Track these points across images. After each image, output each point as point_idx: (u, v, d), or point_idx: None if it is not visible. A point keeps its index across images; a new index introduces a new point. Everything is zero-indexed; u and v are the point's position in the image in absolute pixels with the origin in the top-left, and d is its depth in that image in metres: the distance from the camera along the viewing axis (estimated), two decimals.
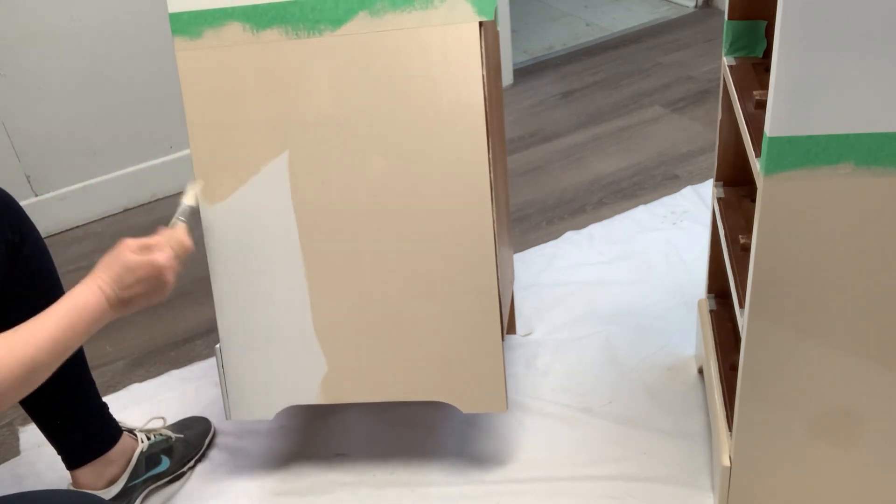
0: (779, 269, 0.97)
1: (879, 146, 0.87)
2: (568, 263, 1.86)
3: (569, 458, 1.40)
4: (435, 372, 1.29)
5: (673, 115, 2.43)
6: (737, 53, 1.19)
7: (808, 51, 0.83)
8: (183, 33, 1.24)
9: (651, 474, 1.35)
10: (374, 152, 1.24)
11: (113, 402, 1.42)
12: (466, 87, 1.19)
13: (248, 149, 1.26)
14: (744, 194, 1.28)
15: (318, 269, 1.28)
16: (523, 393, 1.53)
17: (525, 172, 2.25)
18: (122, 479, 1.37)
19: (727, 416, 1.20)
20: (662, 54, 2.82)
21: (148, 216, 2.32)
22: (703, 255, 1.52)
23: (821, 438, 1.09)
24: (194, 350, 1.79)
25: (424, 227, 1.24)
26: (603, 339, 1.63)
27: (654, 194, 2.06)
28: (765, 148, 0.90)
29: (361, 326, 1.29)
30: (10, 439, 1.61)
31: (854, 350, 1.01)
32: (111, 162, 2.30)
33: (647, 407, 1.47)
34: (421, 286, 1.26)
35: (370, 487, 1.40)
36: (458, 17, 1.18)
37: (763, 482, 1.15)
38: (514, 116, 2.56)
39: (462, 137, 1.20)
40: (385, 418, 1.53)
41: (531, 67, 2.89)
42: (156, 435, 1.44)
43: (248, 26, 1.22)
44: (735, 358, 1.26)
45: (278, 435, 1.53)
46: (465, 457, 1.43)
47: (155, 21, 2.17)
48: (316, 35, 1.21)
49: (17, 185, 2.17)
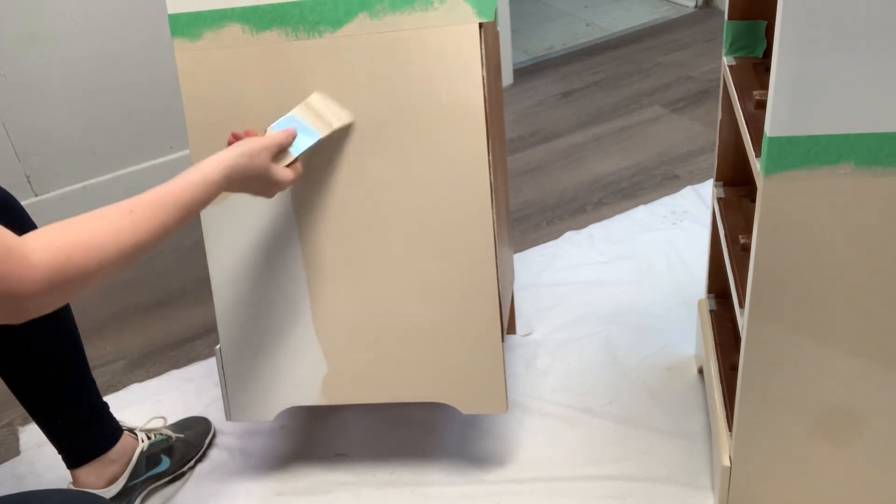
0: (779, 269, 0.97)
1: (879, 146, 0.87)
2: (568, 263, 1.86)
3: (569, 458, 1.40)
4: (435, 373, 1.29)
5: (673, 115, 2.43)
6: (737, 53, 1.19)
7: (808, 51, 0.83)
8: (182, 34, 1.24)
9: (651, 474, 1.35)
10: (374, 153, 1.24)
11: (113, 402, 1.42)
12: (466, 87, 1.19)
13: None
14: (744, 194, 1.28)
15: (318, 269, 1.28)
16: (523, 393, 1.53)
17: (525, 172, 2.25)
18: (122, 478, 1.37)
19: (727, 416, 1.20)
20: (662, 54, 2.82)
21: None
22: (703, 255, 1.52)
23: (821, 438, 1.09)
24: (194, 350, 1.79)
25: (424, 227, 1.24)
26: (603, 339, 1.63)
27: (654, 194, 2.06)
28: (765, 148, 0.90)
29: (362, 327, 1.29)
30: (10, 439, 1.61)
31: (854, 350, 1.01)
32: (111, 162, 2.30)
33: (647, 407, 1.47)
34: (421, 286, 1.26)
35: (370, 487, 1.40)
36: (458, 19, 1.18)
37: (763, 482, 1.15)
38: (514, 116, 2.56)
39: (462, 137, 1.20)
40: (385, 418, 1.53)
41: (531, 67, 2.89)
42: (156, 435, 1.44)
43: (248, 27, 1.22)
44: (735, 358, 1.26)
45: (278, 435, 1.53)
46: (465, 457, 1.43)
47: (155, 21, 2.17)
48: (315, 36, 1.21)
49: (17, 185, 2.17)
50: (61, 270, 0.80)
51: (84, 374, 1.32)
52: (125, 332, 1.87)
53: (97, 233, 0.85)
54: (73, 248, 0.82)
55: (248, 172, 1.08)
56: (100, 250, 0.84)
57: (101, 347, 1.82)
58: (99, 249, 0.84)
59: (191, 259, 2.11)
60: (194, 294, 1.95)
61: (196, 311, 1.90)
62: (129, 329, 1.88)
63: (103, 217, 0.88)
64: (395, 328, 1.29)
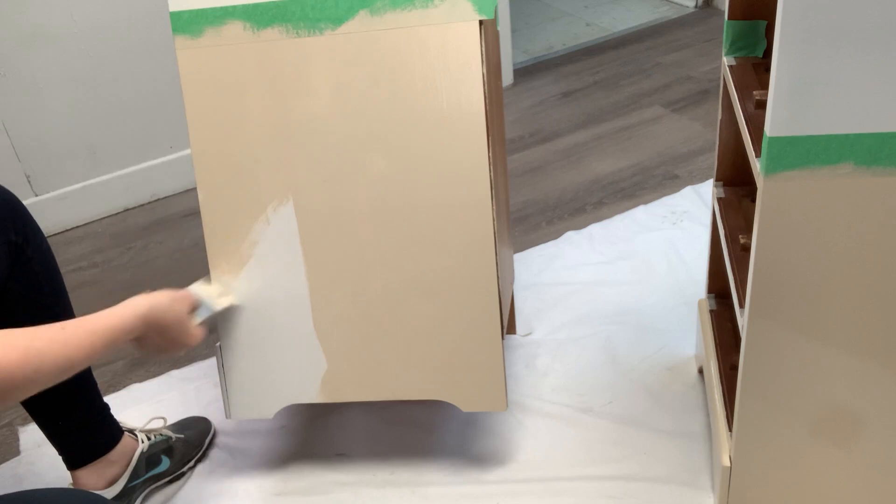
0: (779, 269, 0.97)
1: (879, 146, 0.87)
2: (568, 263, 1.86)
3: (569, 458, 1.40)
4: (435, 371, 1.29)
5: (673, 115, 2.43)
6: (737, 53, 1.19)
7: (808, 51, 0.83)
8: (183, 32, 1.24)
9: (651, 474, 1.35)
10: (374, 151, 1.24)
11: (113, 402, 1.42)
12: (466, 85, 1.19)
13: (248, 147, 1.26)
14: (744, 194, 1.28)
15: (319, 267, 1.29)
16: (523, 393, 1.53)
17: (525, 172, 2.25)
18: (122, 479, 1.37)
19: (727, 416, 1.20)
20: (662, 54, 2.83)
21: (148, 216, 2.32)
22: (703, 255, 1.52)
23: (821, 438, 1.09)
24: (194, 350, 1.79)
25: (424, 225, 1.24)
26: (603, 339, 1.63)
27: (654, 194, 2.06)
28: (765, 148, 0.90)
29: (362, 325, 1.29)
30: (10, 439, 1.61)
31: (854, 350, 1.01)
32: (111, 162, 2.30)
33: (647, 407, 1.47)
34: (421, 285, 1.26)
35: (370, 487, 1.40)
36: (458, 16, 1.18)
37: (763, 482, 1.15)
38: (514, 116, 2.56)
39: (462, 137, 1.20)
40: (385, 418, 1.53)
41: (531, 67, 2.89)
42: (156, 435, 1.44)
43: (249, 25, 1.22)
44: (735, 358, 1.26)
45: (278, 435, 1.53)
46: (465, 457, 1.43)
47: (155, 21, 2.17)
48: (316, 34, 1.21)
49: (17, 185, 2.17)
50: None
51: (86, 375, 1.32)
52: None
53: (35, 340, 0.89)
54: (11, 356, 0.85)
55: (168, 313, 1.11)
56: (37, 356, 0.88)
57: None
58: (37, 355, 0.88)
59: (191, 259, 2.11)
60: None
61: None
62: None
63: (36, 329, 0.91)
64: (396, 326, 1.29)
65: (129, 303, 1.06)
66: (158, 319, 1.10)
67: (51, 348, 0.91)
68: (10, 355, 0.85)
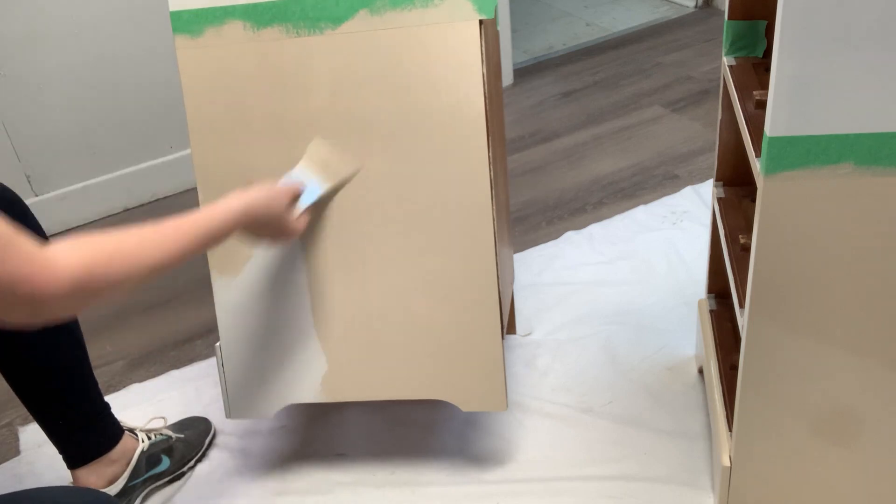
0: (779, 269, 0.97)
1: (879, 146, 0.87)
2: (568, 263, 1.86)
3: (569, 458, 1.40)
4: (435, 370, 1.29)
5: (673, 115, 2.43)
6: (737, 53, 1.19)
7: (808, 51, 0.83)
8: (184, 31, 1.24)
9: (651, 474, 1.35)
10: (374, 150, 1.24)
11: (113, 401, 1.42)
12: (466, 84, 1.19)
13: (248, 147, 1.26)
14: (744, 194, 1.28)
15: (319, 267, 1.29)
16: (523, 393, 1.53)
17: (525, 172, 2.25)
18: (122, 478, 1.37)
19: (727, 416, 1.20)
20: (662, 54, 2.83)
21: (148, 216, 2.31)
22: (703, 255, 1.52)
23: (821, 438, 1.09)
24: (194, 350, 1.79)
25: (424, 225, 1.24)
26: (603, 339, 1.63)
27: (654, 194, 2.06)
28: (765, 148, 0.90)
29: (362, 325, 1.29)
30: (10, 439, 1.61)
31: (854, 350, 1.01)
32: (111, 162, 2.30)
33: (647, 407, 1.47)
34: (421, 285, 1.26)
35: (370, 487, 1.40)
36: (459, 15, 1.18)
37: (763, 482, 1.15)
38: (514, 116, 2.56)
39: (462, 136, 1.20)
40: (385, 418, 1.53)
41: (531, 67, 2.89)
42: (156, 435, 1.44)
43: (249, 24, 1.22)
44: (735, 358, 1.26)
45: (278, 435, 1.53)
46: (465, 457, 1.43)
47: (155, 21, 2.17)
48: (316, 33, 1.21)
49: (17, 185, 2.17)
50: (85, 277, 0.81)
51: (87, 374, 1.32)
52: (125, 332, 1.87)
53: (123, 245, 0.88)
54: (100, 256, 0.84)
55: (267, 212, 1.11)
56: (124, 261, 0.87)
57: (101, 347, 1.82)
58: (124, 260, 0.87)
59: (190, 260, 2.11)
60: (194, 294, 1.95)
61: (196, 311, 1.90)
62: (129, 329, 1.88)
63: (129, 232, 0.90)
64: (396, 326, 1.29)
65: (225, 202, 1.05)
66: (256, 217, 1.09)
67: (142, 248, 0.90)
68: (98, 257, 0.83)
